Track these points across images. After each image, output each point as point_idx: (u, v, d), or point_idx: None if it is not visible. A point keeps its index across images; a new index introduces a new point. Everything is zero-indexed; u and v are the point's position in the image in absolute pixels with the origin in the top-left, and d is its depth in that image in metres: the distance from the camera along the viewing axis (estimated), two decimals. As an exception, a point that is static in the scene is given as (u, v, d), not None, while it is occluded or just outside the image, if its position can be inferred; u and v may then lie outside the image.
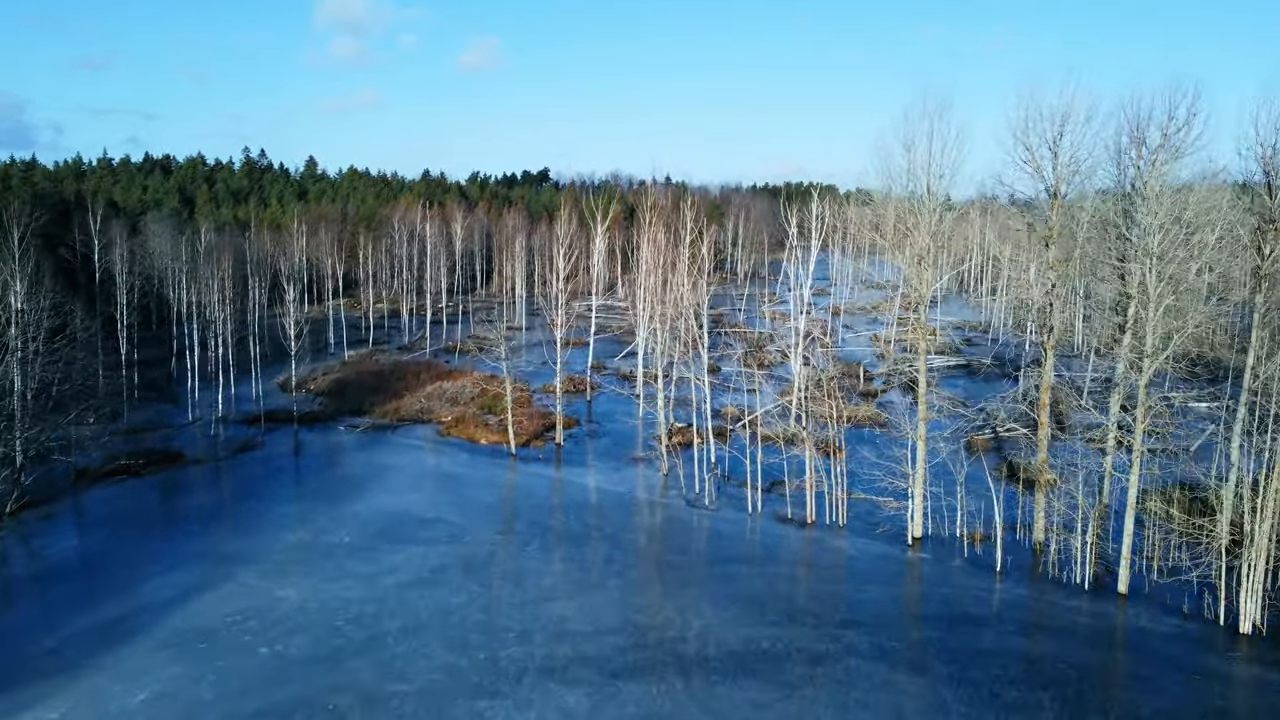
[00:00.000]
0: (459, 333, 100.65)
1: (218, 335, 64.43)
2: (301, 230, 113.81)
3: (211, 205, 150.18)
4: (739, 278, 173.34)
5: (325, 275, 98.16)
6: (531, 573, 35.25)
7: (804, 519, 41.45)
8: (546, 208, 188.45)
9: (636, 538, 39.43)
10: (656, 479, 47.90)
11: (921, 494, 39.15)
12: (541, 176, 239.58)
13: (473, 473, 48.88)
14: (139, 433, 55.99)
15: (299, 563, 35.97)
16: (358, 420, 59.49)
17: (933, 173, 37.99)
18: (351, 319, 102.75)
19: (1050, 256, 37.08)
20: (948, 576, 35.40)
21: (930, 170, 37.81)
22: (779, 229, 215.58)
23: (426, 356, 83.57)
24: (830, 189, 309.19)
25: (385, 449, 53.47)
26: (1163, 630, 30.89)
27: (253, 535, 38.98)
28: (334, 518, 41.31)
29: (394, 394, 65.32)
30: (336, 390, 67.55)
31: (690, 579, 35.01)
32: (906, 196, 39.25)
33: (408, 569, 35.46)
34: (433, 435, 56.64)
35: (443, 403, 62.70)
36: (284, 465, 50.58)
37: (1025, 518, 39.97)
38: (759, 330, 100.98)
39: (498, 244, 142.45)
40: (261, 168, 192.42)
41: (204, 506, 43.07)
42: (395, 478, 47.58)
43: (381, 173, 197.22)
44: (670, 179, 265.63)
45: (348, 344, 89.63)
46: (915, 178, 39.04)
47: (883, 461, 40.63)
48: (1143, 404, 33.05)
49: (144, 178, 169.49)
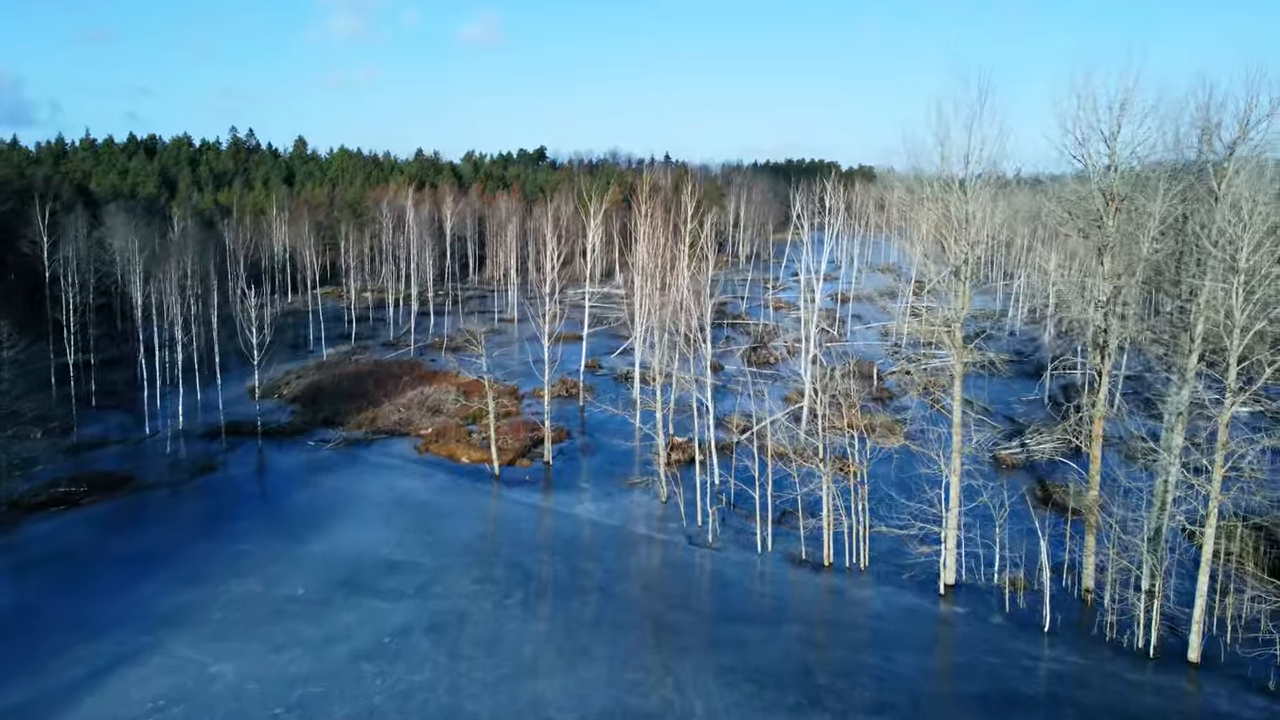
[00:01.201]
0: (448, 325, 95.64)
1: (180, 337, 59.37)
2: (283, 217, 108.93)
3: (194, 189, 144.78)
4: (740, 261, 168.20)
5: (306, 265, 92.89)
6: (509, 637, 30.54)
7: (820, 560, 36.72)
8: (543, 188, 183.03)
9: (631, 588, 34.67)
10: (654, 508, 43.14)
11: (955, 537, 34.41)
12: (539, 155, 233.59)
13: (451, 500, 44.11)
14: (89, 449, 51.22)
15: (242, 624, 31.24)
16: (330, 434, 54.63)
17: (970, 171, 32.94)
18: (335, 310, 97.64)
19: (1107, 267, 32.09)
20: (988, 638, 30.69)
21: (969, 167, 32.75)
22: (781, 209, 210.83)
23: (411, 355, 78.63)
24: (833, 166, 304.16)
25: (357, 470, 48.66)
26: (1248, 716, 26.21)
27: (195, 586, 34.24)
28: (290, 561, 36.57)
29: (371, 401, 60.46)
30: (310, 397, 62.69)
31: (692, 644, 30.30)
32: (939, 192, 34.22)
33: (366, 632, 30.74)
34: (411, 452, 51.80)
35: (423, 413, 57.84)
36: (244, 491, 45.79)
37: (1072, 558, 35.18)
38: (762, 322, 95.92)
39: (491, 228, 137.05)
40: (249, 148, 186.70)
41: (145, 547, 38.23)
42: (364, 508, 42.81)
43: (373, 153, 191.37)
44: (670, 158, 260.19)
45: (328, 340, 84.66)
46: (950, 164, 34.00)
47: (912, 503, 35.74)
48: (1222, 446, 28.17)
49: (126, 160, 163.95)
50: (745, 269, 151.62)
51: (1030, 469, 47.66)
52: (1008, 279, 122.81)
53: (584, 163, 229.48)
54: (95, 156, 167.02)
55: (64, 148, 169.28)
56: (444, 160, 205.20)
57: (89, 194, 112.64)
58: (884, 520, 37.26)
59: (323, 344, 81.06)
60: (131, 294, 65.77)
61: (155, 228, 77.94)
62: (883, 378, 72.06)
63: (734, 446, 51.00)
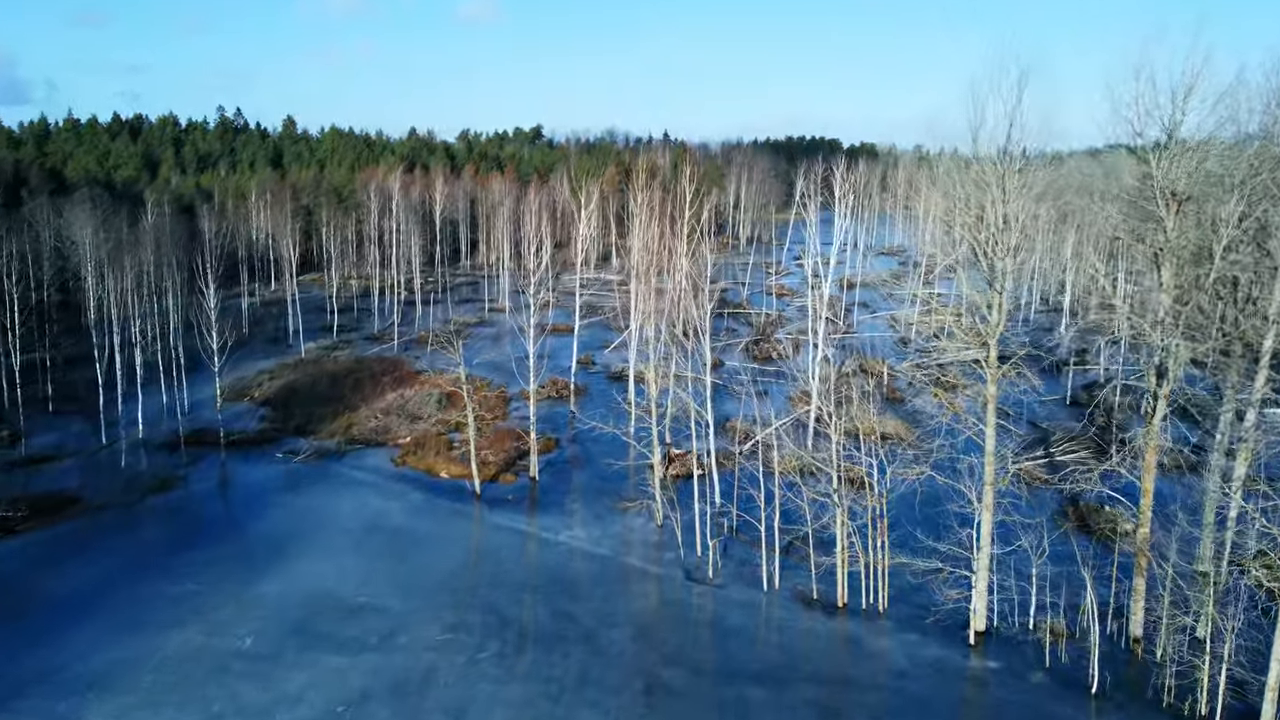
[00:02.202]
0: (437, 316, 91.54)
1: (136, 337, 55.23)
2: (266, 201, 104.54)
3: (176, 171, 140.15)
4: (741, 244, 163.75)
5: (286, 252, 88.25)
6: (481, 702, 26.72)
7: (834, 601, 32.86)
8: (539, 169, 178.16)
9: (622, 637, 30.78)
10: (649, 533, 39.27)
11: (987, 579, 30.53)
12: (535, 133, 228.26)
13: (426, 525, 40.22)
14: (38, 463, 47.29)
15: (176, 688, 27.39)
16: (301, 444, 50.59)
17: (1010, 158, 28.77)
18: (317, 300, 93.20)
19: (1165, 277, 28.01)
20: (1029, 703, 26.85)
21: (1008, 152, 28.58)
22: (783, 188, 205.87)
23: (394, 350, 74.55)
24: (835, 143, 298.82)
25: (327, 486, 44.75)
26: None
27: (132, 635, 30.37)
28: (240, 603, 32.69)
29: (348, 406, 56.50)
30: (283, 399, 58.68)
31: (689, 711, 26.48)
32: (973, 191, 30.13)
33: (317, 698, 26.90)
34: (387, 464, 47.87)
35: (402, 420, 53.87)
36: (201, 514, 41.84)
37: (1118, 600, 31.24)
38: (765, 311, 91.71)
39: (483, 211, 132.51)
40: (237, 128, 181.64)
41: (84, 585, 34.34)
42: (330, 535, 38.92)
43: (365, 132, 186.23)
44: (669, 135, 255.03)
45: (309, 333, 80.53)
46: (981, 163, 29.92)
47: (939, 545, 31.72)
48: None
49: (109, 141, 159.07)
50: (746, 252, 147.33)
51: (1058, 477, 43.70)
52: (1015, 258, 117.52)
53: (581, 141, 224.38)
54: (78, 138, 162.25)
55: (47, 129, 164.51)
56: (438, 139, 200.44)
57: (61, 179, 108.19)
58: (905, 550, 33.30)
59: (301, 338, 76.90)
60: (86, 289, 61.39)
61: (124, 216, 73.54)
62: (894, 375, 68.10)
63: (737, 459, 47.20)
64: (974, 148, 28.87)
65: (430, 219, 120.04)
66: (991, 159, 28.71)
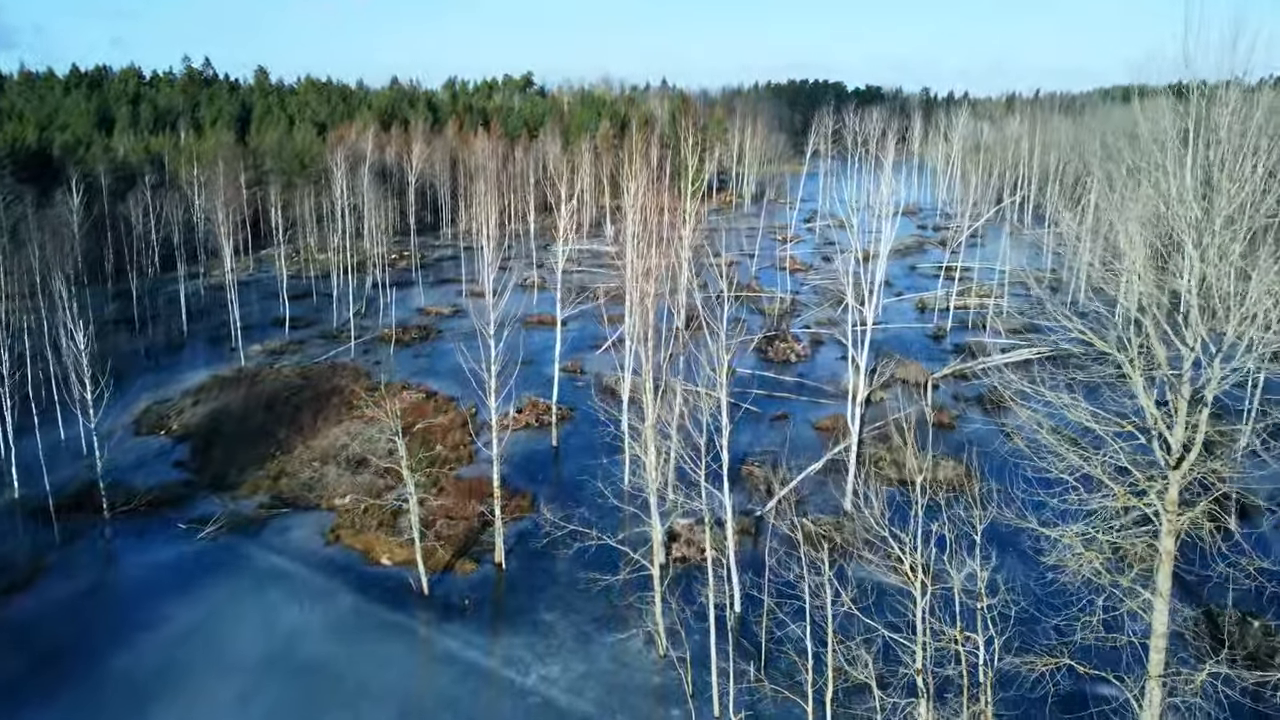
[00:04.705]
0: (410, 301, 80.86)
1: (3, 354, 44.75)
2: (217, 170, 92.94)
3: (130, 132, 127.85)
4: (745, 201, 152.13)
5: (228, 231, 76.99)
6: None
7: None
8: (528, 122, 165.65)
9: None
10: (648, 670, 29.17)
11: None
12: (525, 81, 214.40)
13: (347, 658, 29.97)
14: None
15: None
16: (215, 505, 40.35)
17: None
18: (272, 285, 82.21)
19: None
20: None
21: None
22: (789, 137, 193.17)
23: (351, 354, 63.88)
24: (839, 86, 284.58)
25: (232, 584, 34.50)
26: None
27: None
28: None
29: (282, 445, 46.17)
30: (206, 433, 48.29)
31: None
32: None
33: None
34: (315, 542, 37.60)
35: (342, 469, 43.48)
36: (49, 640, 31.08)
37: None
38: (778, 294, 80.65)
39: (464, 172, 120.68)
40: (207, 79, 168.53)
41: None
42: (213, 678, 28.72)
43: (343, 83, 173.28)
44: (666, 82, 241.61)
45: (257, 330, 70.09)
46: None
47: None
48: None
49: (62, 96, 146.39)
50: (751, 211, 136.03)
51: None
52: (1054, 226, 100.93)
53: (575, 89, 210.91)
54: (33, 91, 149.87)
55: (1, 83, 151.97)
56: (422, 89, 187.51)
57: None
58: None
59: (244, 340, 66.19)
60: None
61: (32, 198, 62.66)
62: (935, 383, 57.63)
63: (758, 523, 37.18)
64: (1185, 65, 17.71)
65: (404, 185, 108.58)
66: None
